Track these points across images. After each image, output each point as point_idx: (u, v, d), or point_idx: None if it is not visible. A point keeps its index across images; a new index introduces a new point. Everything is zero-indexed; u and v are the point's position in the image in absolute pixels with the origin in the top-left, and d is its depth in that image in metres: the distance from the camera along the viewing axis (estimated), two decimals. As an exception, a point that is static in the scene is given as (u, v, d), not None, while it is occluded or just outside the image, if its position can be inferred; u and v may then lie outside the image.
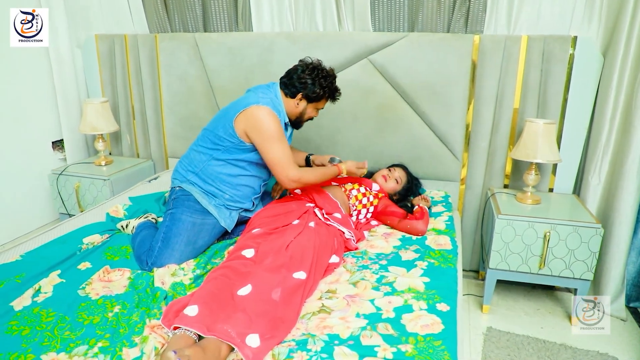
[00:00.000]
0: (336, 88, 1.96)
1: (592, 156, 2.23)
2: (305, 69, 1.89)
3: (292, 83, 1.90)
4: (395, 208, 2.10)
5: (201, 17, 2.69)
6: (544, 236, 2.03)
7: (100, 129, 2.70)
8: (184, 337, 1.27)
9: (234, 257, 1.61)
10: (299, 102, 1.92)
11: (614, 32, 2.09)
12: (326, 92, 1.92)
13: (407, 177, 2.31)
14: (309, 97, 1.90)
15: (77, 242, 1.88)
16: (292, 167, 1.82)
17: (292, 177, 1.82)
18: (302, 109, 1.93)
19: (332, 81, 1.92)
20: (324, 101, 1.96)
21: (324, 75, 1.89)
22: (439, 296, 1.52)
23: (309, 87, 1.87)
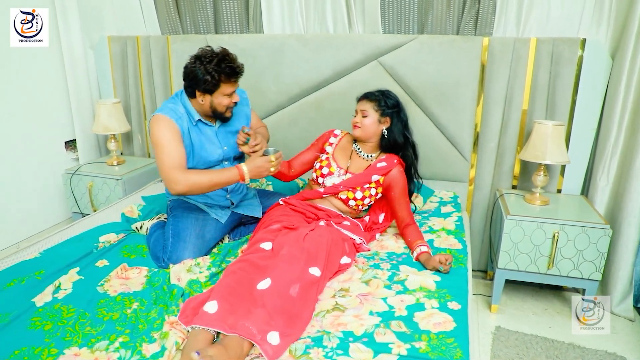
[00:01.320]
0: (229, 65, 1.74)
1: (601, 157, 2.25)
2: (190, 63, 1.77)
3: (186, 84, 1.81)
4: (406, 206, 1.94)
5: (212, 18, 2.72)
6: (552, 237, 2.05)
7: (112, 129, 2.74)
8: (203, 332, 1.30)
9: (253, 250, 1.63)
10: (202, 97, 1.80)
11: (622, 34, 2.11)
12: (217, 76, 1.73)
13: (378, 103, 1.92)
14: (205, 89, 1.76)
15: (94, 240, 1.91)
16: (174, 170, 1.72)
17: (172, 178, 1.72)
18: (209, 102, 1.81)
19: (218, 62, 1.72)
20: (225, 85, 1.77)
21: (208, 59, 1.72)
22: (450, 295, 1.55)
23: (200, 78, 1.73)
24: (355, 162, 2.00)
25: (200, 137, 1.89)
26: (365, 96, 1.96)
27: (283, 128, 2.65)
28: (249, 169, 1.77)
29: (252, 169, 1.77)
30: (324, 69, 2.51)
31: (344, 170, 1.98)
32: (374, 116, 1.92)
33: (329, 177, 1.97)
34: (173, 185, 1.73)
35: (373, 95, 1.94)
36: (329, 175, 1.97)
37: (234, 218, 2.03)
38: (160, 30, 2.83)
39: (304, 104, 2.61)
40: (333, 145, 2.06)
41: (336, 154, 2.03)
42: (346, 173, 1.97)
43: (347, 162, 2.01)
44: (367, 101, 1.93)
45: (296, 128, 2.62)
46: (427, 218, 2.19)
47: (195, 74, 1.75)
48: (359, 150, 2.01)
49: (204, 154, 1.90)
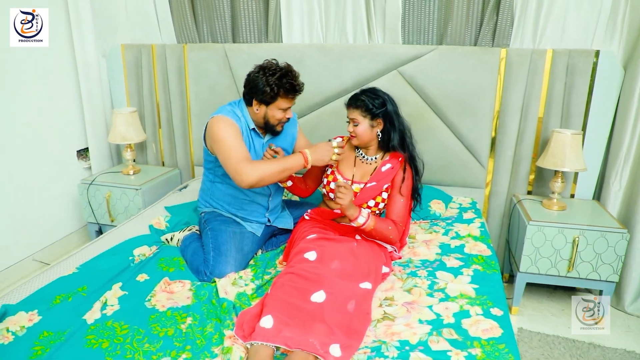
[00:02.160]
0: (290, 82, 1.79)
1: (614, 163, 2.35)
2: (253, 72, 1.83)
3: (246, 91, 1.87)
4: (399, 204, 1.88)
5: (230, 28, 2.73)
6: (573, 241, 2.14)
7: (130, 138, 2.73)
8: (263, 348, 1.33)
9: (297, 260, 1.65)
10: (257, 107, 1.86)
11: (635, 46, 2.21)
12: (276, 89, 1.78)
13: (365, 108, 1.83)
14: (263, 99, 1.82)
15: (128, 253, 1.91)
16: (242, 163, 1.72)
17: (242, 171, 1.70)
18: (263, 113, 1.86)
19: (281, 76, 1.78)
20: (282, 99, 1.82)
21: (272, 72, 1.78)
22: (490, 301, 1.61)
23: (259, 88, 1.79)
24: (360, 169, 1.95)
25: (249, 145, 1.93)
26: (350, 104, 1.87)
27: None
28: (311, 152, 1.81)
29: (314, 153, 1.81)
30: (345, 78, 2.56)
31: (350, 181, 1.93)
32: (365, 122, 1.84)
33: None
34: (244, 178, 1.71)
35: (358, 101, 1.84)
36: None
37: (268, 231, 2.06)
38: (176, 38, 2.82)
39: (324, 112, 2.65)
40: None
41: (340, 165, 1.97)
42: (353, 184, 1.92)
43: (352, 170, 1.95)
44: (353, 109, 1.86)
45: (317, 135, 2.65)
46: (452, 224, 2.25)
47: (256, 83, 1.81)
48: (363, 156, 1.95)
49: None
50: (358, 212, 1.76)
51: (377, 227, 1.79)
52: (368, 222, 1.76)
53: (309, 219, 2.01)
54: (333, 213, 1.97)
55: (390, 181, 1.88)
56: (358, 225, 1.77)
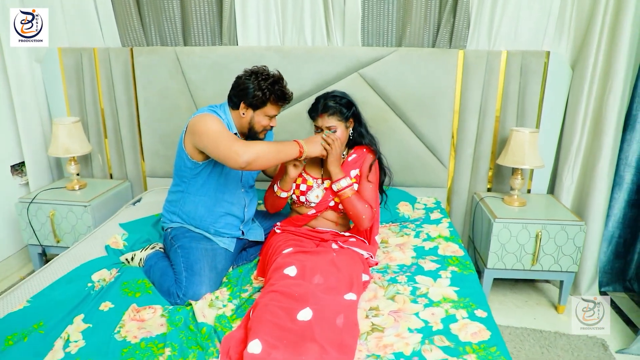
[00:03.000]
0: (281, 90, 1.78)
1: (565, 159, 2.47)
2: (245, 75, 1.80)
3: (234, 93, 1.82)
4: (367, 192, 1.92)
5: (181, 30, 2.58)
6: (536, 235, 2.22)
7: (73, 151, 2.50)
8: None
9: (277, 277, 1.57)
10: (244, 111, 1.81)
11: (582, 47, 2.33)
12: (267, 94, 1.75)
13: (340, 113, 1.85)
14: (252, 103, 1.78)
15: (85, 280, 1.74)
16: (235, 143, 1.66)
17: (237, 150, 1.63)
18: (249, 118, 1.81)
19: (273, 82, 1.76)
20: (271, 106, 1.80)
21: (264, 77, 1.76)
22: (473, 303, 1.62)
23: (250, 92, 1.75)
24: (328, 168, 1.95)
25: None
26: (324, 110, 1.84)
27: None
28: (305, 140, 1.79)
29: (308, 142, 1.79)
30: (305, 82, 2.49)
31: (320, 180, 1.95)
32: (342, 126, 1.87)
33: (309, 192, 1.93)
34: (240, 154, 1.62)
35: (329, 107, 1.84)
36: (309, 190, 1.93)
37: (239, 245, 1.96)
38: (120, 41, 2.62)
39: (284, 116, 2.56)
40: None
41: (307, 167, 1.97)
42: (323, 181, 1.94)
43: (319, 170, 1.97)
44: (328, 116, 1.84)
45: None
46: (420, 226, 2.26)
47: (246, 86, 1.76)
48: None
49: (230, 177, 1.88)
50: (343, 174, 1.84)
51: (354, 199, 1.85)
52: (347, 190, 1.84)
53: (280, 232, 1.93)
54: (306, 217, 1.92)
55: (359, 170, 1.93)
56: (339, 189, 1.84)
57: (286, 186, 1.91)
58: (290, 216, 2.02)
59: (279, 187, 1.92)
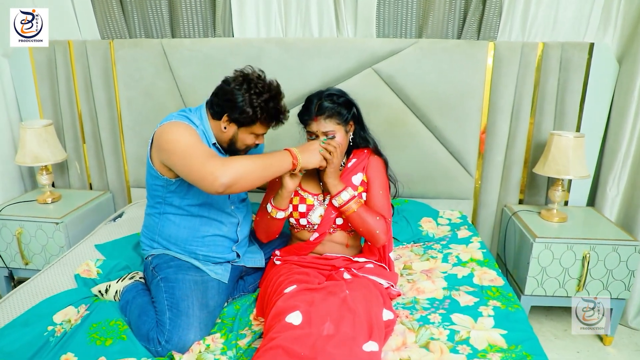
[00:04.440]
0: (276, 109, 1.45)
1: (610, 167, 2.15)
2: (234, 81, 1.44)
3: (217, 101, 1.47)
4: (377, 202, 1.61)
5: (168, 19, 2.26)
6: (583, 257, 1.90)
7: (44, 158, 2.17)
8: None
9: (280, 327, 1.24)
10: (227, 125, 1.47)
11: (632, 38, 2.01)
12: (259, 113, 1.42)
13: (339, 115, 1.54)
14: (238, 120, 1.44)
15: (46, 322, 1.42)
16: (210, 161, 1.32)
17: (213, 171, 1.29)
18: (232, 134, 1.49)
19: (268, 99, 1.43)
20: (260, 125, 1.47)
21: (258, 91, 1.42)
22: (528, 353, 1.30)
23: (238, 106, 1.41)
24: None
25: None
26: (320, 112, 1.52)
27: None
28: (300, 150, 1.45)
29: (302, 151, 1.45)
30: (310, 79, 2.17)
31: (322, 196, 1.62)
32: (341, 131, 1.55)
33: (310, 213, 1.59)
34: (217, 176, 1.28)
35: (326, 109, 1.52)
36: (310, 211, 1.59)
37: (234, 274, 1.63)
38: (99, 33, 2.29)
39: (287, 119, 2.24)
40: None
41: (303, 183, 1.64)
42: (325, 197, 1.61)
43: (318, 185, 1.64)
44: (325, 120, 1.52)
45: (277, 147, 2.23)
46: (447, 247, 1.94)
47: (234, 97, 1.41)
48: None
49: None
50: (342, 186, 1.53)
51: (362, 213, 1.53)
52: (351, 204, 1.52)
53: (280, 264, 1.60)
54: (309, 245, 1.59)
55: (364, 174, 1.62)
56: (340, 204, 1.53)
57: (283, 203, 1.54)
58: (291, 244, 1.69)
59: (274, 206, 1.55)
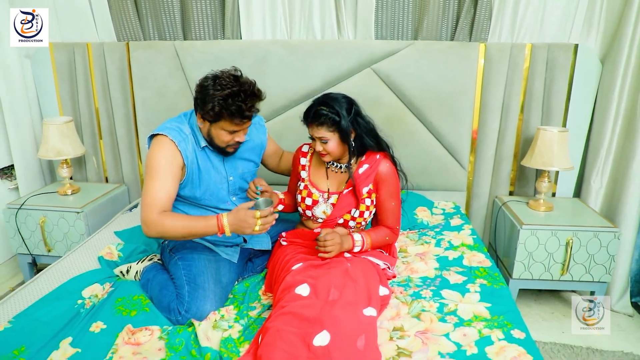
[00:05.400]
0: (237, 104, 1.45)
1: (594, 161, 2.30)
2: (206, 79, 1.51)
3: (195, 100, 1.55)
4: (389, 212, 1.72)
5: (180, 22, 2.41)
6: (566, 243, 2.05)
7: (66, 153, 2.32)
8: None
9: (289, 297, 1.39)
10: (202, 122, 1.55)
11: (613, 40, 2.16)
12: (217, 109, 1.45)
13: (332, 122, 1.57)
14: (205, 115, 1.51)
15: (75, 296, 1.57)
16: (151, 209, 1.47)
17: (145, 219, 1.48)
18: (207, 130, 1.56)
19: (228, 95, 1.45)
20: (225, 122, 1.50)
21: (220, 86, 1.45)
22: (509, 322, 1.46)
23: (205, 102, 1.48)
24: (334, 179, 1.74)
25: (207, 164, 1.62)
26: (314, 119, 1.58)
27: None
28: (230, 221, 1.48)
29: (233, 223, 1.48)
30: (313, 78, 2.32)
31: (327, 194, 1.73)
32: (334, 137, 1.59)
33: (315, 207, 1.73)
34: (144, 228, 1.50)
35: (320, 116, 1.56)
36: (315, 205, 1.73)
37: (243, 255, 1.78)
38: (116, 36, 2.45)
39: (291, 116, 2.40)
40: (306, 167, 1.78)
41: (313, 177, 1.75)
42: (330, 196, 1.72)
43: (325, 181, 1.74)
44: (316, 126, 1.58)
45: (284, 142, 2.38)
46: (441, 233, 2.09)
47: (203, 93, 1.49)
48: (334, 165, 1.73)
49: (211, 184, 1.64)
50: (351, 243, 1.64)
51: (375, 243, 1.70)
52: (365, 246, 1.67)
53: (287, 244, 1.76)
54: (313, 234, 1.73)
55: (373, 183, 1.68)
56: (360, 251, 1.67)
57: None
58: (297, 228, 1.84)
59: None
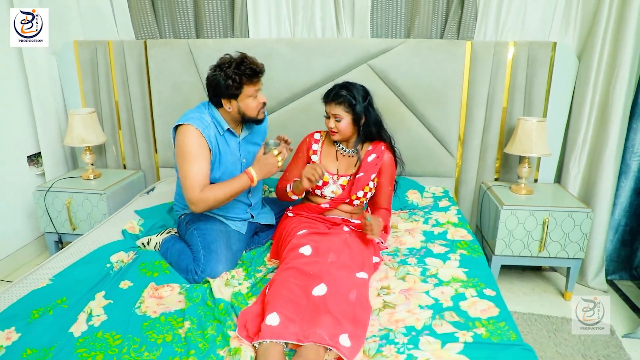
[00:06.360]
0: (248, 66, 1.70)
1: (572, 148, 2.50)
2: (211, 72, 1.76)
3: (211, 94, 1.79)
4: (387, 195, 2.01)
5: (193, 22, 2.64)
6: (543, 222, 2.26)
7: (89, 140, 2.56)
8: (273, 345, 1.30)
9: (293, 256, 1.62)
10: (229, 105, 1.77)
11: (588, 38, 2.36)
12: (238, 78, 1.70)
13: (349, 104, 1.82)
14: (230, 94, 1.73)
15: (104, 261, 1.79)
16: (194, 189, 1.69)
17: (191, 199, 1.70)
18: (236, 108, 1.77)
19: (237, 65, 1.70)
20: (248, 86, 1.73)
21: (227, 65, 1.71)
22: (482, 283, 1.66)
23: (222, 85, 1.71)
24: (343, 162, 1.97)
25: (225, 148, 1.85)
26: (333, 98, 1.84)
27: (272, 133, 2.62)
28: (256, 170, 1.76)
29: (259, 169, 1.76)
30: (315, 73, 2.54)
31: (336, 176, 1.96)
32: (348, 118, 1.84)
33: (325, 187, 1.95)
34: (193, 207, 1.72)
35: (340, 96, 1.82)
36: (325, 186, 1.94)
37: (250, 228, 2.01)
38: (134, 34, 2.68)
39: (294, 108, 2.62)
40: (318, 152, 2.00)
41: (324, 161, 1.97)
42: (339, 178, 1.95)
43: (335, 164, 1.97)
44: (336, 104, 1.83)
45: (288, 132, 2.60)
46: (429, 213, 2.30)
47: (217, 81, 1.73)
48: (343, 149, 1.96)
49: (229, 165, 1.87)
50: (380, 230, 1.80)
51: (387, 225, 1.99)
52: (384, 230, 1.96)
53: (293, 216, 1.98)
54: (319, 209, 1.96)
55: (377, 171, 1.92)
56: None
57: (298, 192, 1.92)
58: (304, 203, 2.06)
59: (292, 190, 1.93)
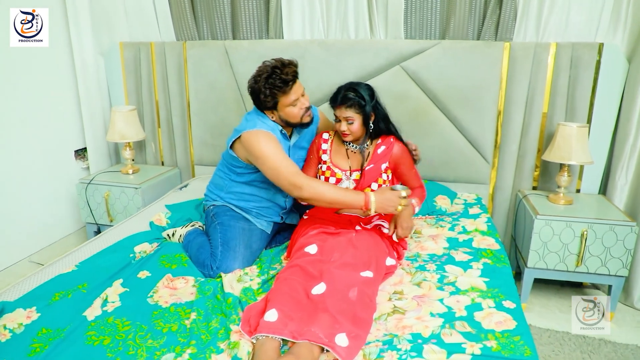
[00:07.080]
0: (278, 77, 1.72)
1: (619, 157, 2.32)
2: (251, 84, 1.82)
3: (255, 104, 1.87)
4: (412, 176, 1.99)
5: (230, 24, 2.71)
6: (581, 235, 2.11)
7: (129, 136, 2.68)
8: (269, 341, 1.30)
9: (299, 255, 1.64)
10: (271, 114, 1.85)
11: (639, 38, 2.19)
12: (268, 92, 1.75)
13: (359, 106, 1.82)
14: (267, 106, 1.81)
15: (128, 250, 1.87)
16: (296, 175, 1.71)
17: (296, 183, 1.70)
18: (278, 117, 1.85)
19: (267, 77, 1.74)
20: (284, 96, 1.77)
21: (259, 76, 1.76)
22: (502, 294, 1.57)
23: (259, 97, 1.79)
24: (354, 158, 1.95)
25: (285, 149, 1.90)
26: (342, 102, 1.82)
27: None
28: (377, 199, 1.69)
29: (380, 201, 1.69)
30: (347, 74, 2.52)
31: (349, 172, 1.94)
32: (359, 119, 1.84)
33: (339, 184, 1.93)
34: (299, 191, 1.71)
35: (349, 99, 1.81)
36: (339, 183, 1.93)
37: (275, 228, 2.04)
38: (175, 36, 2.79)
39: (324, 109, 2.60)
40: (327, 151, 1.99)
41: (334, 159, 1.97)
42: (351, 173, 1.93)
43: (347, 161, 1.95)
44: (346, 108, 1.82)
45: (317, 133, 2.63)
46: (457, 219, 2.21)
47: (256, 94, 1.80)
48: (353, 146, 1.95)
49: None
50: (412, 208, 1.87)
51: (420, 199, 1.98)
52: (418, 204, 1.94)
53: (307, 218, 1.99)
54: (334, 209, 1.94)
55: (389, 161, 1.93)
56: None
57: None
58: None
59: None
